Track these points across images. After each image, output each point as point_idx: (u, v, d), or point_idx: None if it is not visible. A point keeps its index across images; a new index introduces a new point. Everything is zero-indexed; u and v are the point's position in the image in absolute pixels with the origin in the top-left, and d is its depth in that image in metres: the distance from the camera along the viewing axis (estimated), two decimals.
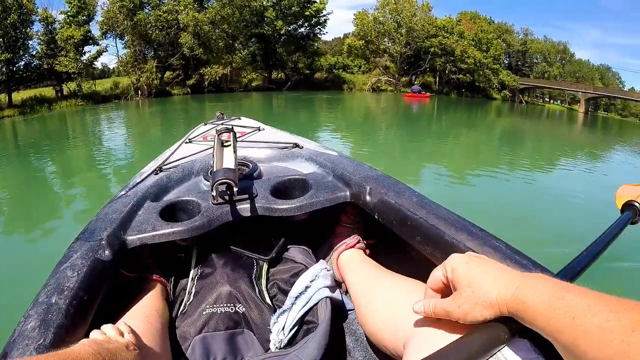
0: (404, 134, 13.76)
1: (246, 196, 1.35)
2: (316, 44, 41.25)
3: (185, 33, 29.49)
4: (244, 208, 1.32)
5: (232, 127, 1.57)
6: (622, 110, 57.42)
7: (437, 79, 43.40)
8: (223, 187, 1.25)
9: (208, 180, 1.53)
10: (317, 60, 40.27)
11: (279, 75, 40.38)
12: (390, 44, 40.83)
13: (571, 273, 0.77)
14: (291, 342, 1.10)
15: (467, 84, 42.36)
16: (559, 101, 55.35)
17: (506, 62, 50.46)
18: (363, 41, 40.77)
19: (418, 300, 0.72)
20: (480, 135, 15.21)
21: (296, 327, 1.12)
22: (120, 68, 31.59)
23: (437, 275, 0.72)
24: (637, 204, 1.23)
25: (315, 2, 37.79)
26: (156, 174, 1.68)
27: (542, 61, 56.78)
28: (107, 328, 0.84)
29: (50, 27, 26.76)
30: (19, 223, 5.08)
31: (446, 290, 0.71)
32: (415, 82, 39.69)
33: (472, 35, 41.45)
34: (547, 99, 56.72)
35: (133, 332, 0.89)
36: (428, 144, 11.63)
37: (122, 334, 0.84)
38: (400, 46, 39.61)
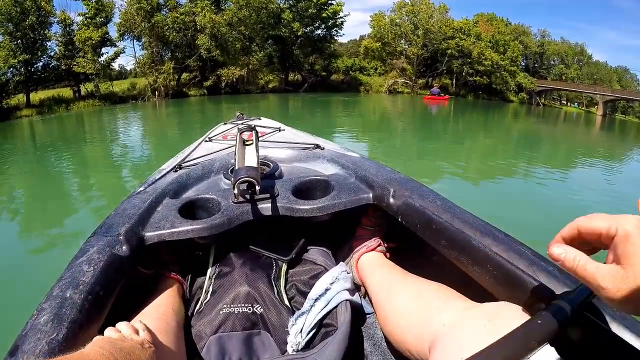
0: (422, 136, 13.79)
1: (267, 195, 1.33)
2: (333, 45, 41.23)
3: (203, 35, 29.73)
4: (265, 207, 1.31)
5: (255, 126, 1.56)
6: None
7: (454, 81, 43.21)
8: (244, 186, 1.24)
9: (228, 179, 1.52)
10: (333, 62, 40.30)
11: (296, 77, 40.49)
12: (407, 46, 40.74)
13: None
14: (309, 344, 1.08)
15: (484, 86, 42.09)
16: (576, 104, 54.86)
17: (523, 64, 50.11)
18: (380, 43, 40.69)
19: (557, 244, 0.57)
20: (498, 138, 15.13)
21: (314, 330, 1.09)
22: (138, 69, 31.97)
23: (598, 225, 0.54)
24: None
25: (332, 4, 37.83)
26: (175, 171, 1.67)
27: (560, 63, 56.31)
28: (121, 326, 0.82)
29: (68, 29, 27.20)
30: (37, 218, 5.16)
31: (588, 242, 0.56)
32: (435, 85, 39.52)
33: (489, 37, 41.24)
34: (565, 102, 56.20)
35: (148, 330, 0.87)
36: (446, 146, 11.63)
37: (137, 332, 0.83)
38: (417, 48, 39.51)
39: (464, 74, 41.41)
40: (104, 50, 28.71)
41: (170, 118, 18.82)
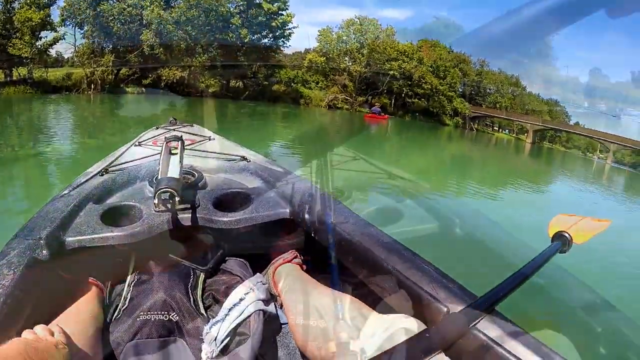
0: (360, 152, 13.86)
1: (188, 206, 1.36)
2: (278, 56, 41.05)
3: (148, 30, 28.86)
4: (185, 217, 1.34)
5: (182, 136, 1.58)
6: (567, 142, 59.59)
7: (393, 102, 43.94)
8: (166, 195, 1.26)
9: (153, 187, 1.52)
10: (277, 72, 40.05)
11: (238, 84, 39.88)
12: (350, 63, 41.14)
13: (494, 298, 0.81)
14: (223, 352, 1.10)
15: (422, 108, 43.08)
16: (507, 130, 57.09)
17: (461, 90, 51.65)
18: (324, 58, 40.90)
19: None
20: (430, 159, 15.51)
21: (228, 338, 1.11)
22: (76, 58, 30.37)
23: None
24: (567, 234, 1.28)
25: (282, 14, 37.73)
26: (102, 175, 1.66)
27: (495, 92, 58.39)
28: (38, 328, 0.84)
29: (9, 6, 25.28)
30: None
31: None
32: (375, 104, 40.04)
33: (430, 62, 42.27)
34: (497, 128, 58.35)
35: (65, 333, 0.89)
36: (380, 164, 11.75)
37: (52, 334, 0.85)
38: (360, 66, 39.96)
39: (403, 95, 42.19)
40: (43, 34, 27.00)
41: (105, 115, 18.17)
